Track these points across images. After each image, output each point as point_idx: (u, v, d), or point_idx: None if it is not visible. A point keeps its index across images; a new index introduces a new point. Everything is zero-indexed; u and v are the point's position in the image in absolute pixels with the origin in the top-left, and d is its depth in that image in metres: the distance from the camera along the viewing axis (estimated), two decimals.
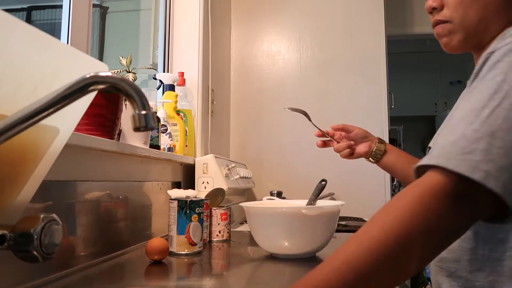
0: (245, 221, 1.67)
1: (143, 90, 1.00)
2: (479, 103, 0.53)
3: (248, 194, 2.09)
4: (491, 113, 0.51)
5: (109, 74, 0.41)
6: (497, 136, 0.49)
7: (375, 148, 0.98)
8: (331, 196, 1.93)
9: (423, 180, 0.50)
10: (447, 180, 0.48)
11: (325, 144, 1.04)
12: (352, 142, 1.00)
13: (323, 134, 1.03)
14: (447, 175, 0.48)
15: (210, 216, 1.08)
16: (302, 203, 1.01)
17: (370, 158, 1.00)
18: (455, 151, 0.49)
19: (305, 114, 1.05)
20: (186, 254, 0.89)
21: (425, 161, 0.52)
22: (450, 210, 0.49)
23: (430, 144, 0.81)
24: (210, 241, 1.08)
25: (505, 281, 0.61)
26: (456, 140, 0.50)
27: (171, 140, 1.33)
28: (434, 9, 0.75)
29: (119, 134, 0.99)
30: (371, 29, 2.10)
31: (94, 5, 1.15)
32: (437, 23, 0.75)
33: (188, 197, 0.93)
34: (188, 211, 0.89)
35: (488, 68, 0.57)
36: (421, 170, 0.52)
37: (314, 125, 1.04)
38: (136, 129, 0.41)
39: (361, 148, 0.99)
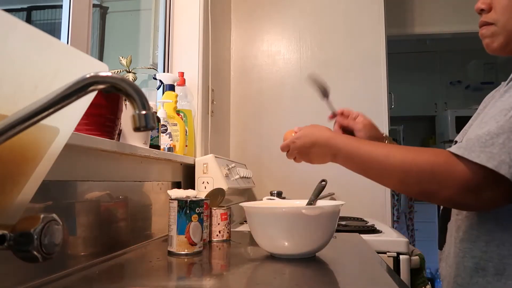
0: (245, 221, 1.67)
1: (143, 90, 1.00)
2: (510, 104, 0.61)
3: (248, 194, 2.09)
4: None
5: (109, 74, 0.41)
6: None
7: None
8: (331, 196, 1.93)
9: (451, 163, 0.61)
10: (467, 171, 0.59)
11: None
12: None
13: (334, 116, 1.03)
14: (467, 165, 0.59)
15: (210, 216, 1.08)
16: (302, 203, 1.01)
17: None
18: (477, 144, 0.59)
19: (325, 91, 1.02)
20: (186, 254, 0.89)
21: (453, 149, 0.62)
22: (466, 201, 0.62)
23: (457, 138, 0.86)
24: (210, 241, 1.08)
25: None
26: (481, 135, 0.60)
27: (171, 140, 1.33)
28: (482, 11, 0.77)
29: (119, 134, 0.99)
30: (371, 29, 2.10)
31: (94, 5, 1.15)
32: (482, 24, 0.77)
33: (188, 197, 0.93)
34: (188, 211, 0.89)
35: None
36: None
37: (330, 105, 1.02)
38: (136, 129, 0.41)
39: None
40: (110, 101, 0.85)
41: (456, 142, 0.85)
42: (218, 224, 1.09)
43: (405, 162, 0.66)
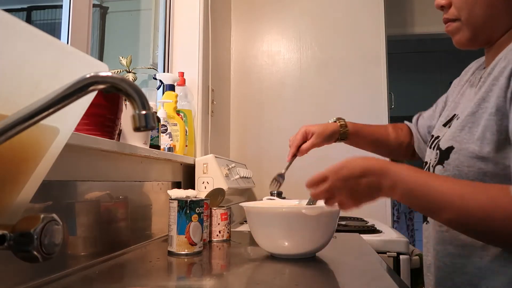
0: (245, 221, 1.67)
1: (143, 90, 1.00)
2: None
3: (248, 194, 2.09)
4: None
5: (109, 74, 0.41)
6: None
7: (338, 137, 1.10)
8: None
9: None
10: None
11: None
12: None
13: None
14: None
15: (210, 216, 1.08)
16: (302, 203, 1.01)
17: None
18: None
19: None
20: (186, 254, 0.89)
21: None
22: None
23: (451, 143, 0.79)
24: (210, 241, 1.08)
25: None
26: None
27: (171, 140, 1.33)
28: (443, 7, 0.76)
29: (119, 134, 0.99)
30: (371, 29, 2.10)
31: (94, 5, 1.15)
32: (446, 21, 0.77)
33: (188, 197, 0.93)
34: (188, 211, 0.89)
35: None
36: None
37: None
38: (136, 129, 0.41)
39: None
40: (110, 101, 0.85)
41: (433, 136, 0.85)
42: (218, 224, 1.09)
43: (485, 206, 0.58)
